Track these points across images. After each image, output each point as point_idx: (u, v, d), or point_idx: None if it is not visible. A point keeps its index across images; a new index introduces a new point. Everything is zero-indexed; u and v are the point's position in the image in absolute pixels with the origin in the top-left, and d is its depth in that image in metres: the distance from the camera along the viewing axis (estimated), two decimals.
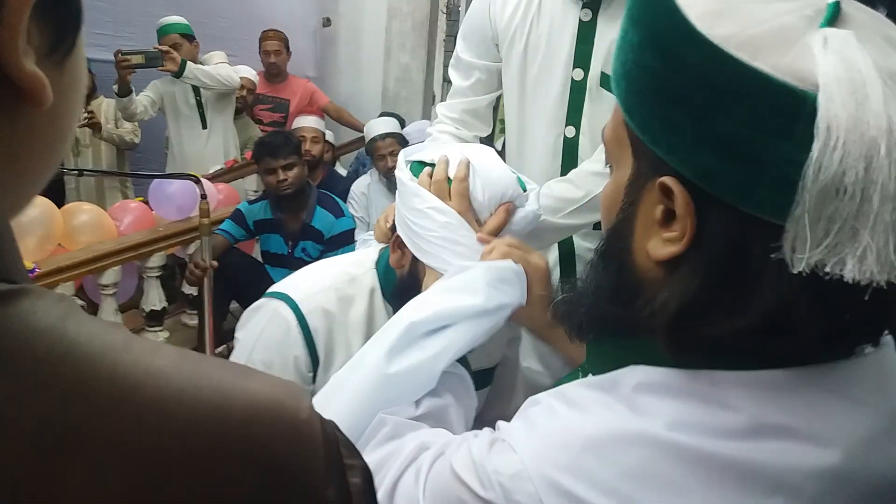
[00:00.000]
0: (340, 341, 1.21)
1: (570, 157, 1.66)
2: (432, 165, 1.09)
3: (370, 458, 0.84)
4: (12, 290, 0.34)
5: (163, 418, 0.33)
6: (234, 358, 1.25)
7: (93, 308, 3.52)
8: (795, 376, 0.56)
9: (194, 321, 3.70)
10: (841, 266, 0.48)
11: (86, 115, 4.33)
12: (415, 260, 1.11)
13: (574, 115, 1.63)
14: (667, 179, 0.55)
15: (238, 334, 1.25)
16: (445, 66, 5.22)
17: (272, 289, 1.24)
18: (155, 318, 3.52)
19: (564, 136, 1.66)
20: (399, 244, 1.13)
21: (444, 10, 5.12)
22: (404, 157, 1.15)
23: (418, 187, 1.06)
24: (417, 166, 1.11)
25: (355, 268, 1.26)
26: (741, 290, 0.53)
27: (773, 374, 0.56)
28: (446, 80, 5.22)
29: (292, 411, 0.37)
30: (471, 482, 0.64)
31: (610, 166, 0.68)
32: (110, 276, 3.17)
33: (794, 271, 0.49)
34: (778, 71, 0.49)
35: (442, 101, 1.88)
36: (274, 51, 4.72)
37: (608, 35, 1.55)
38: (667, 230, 0.57)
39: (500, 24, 1.68)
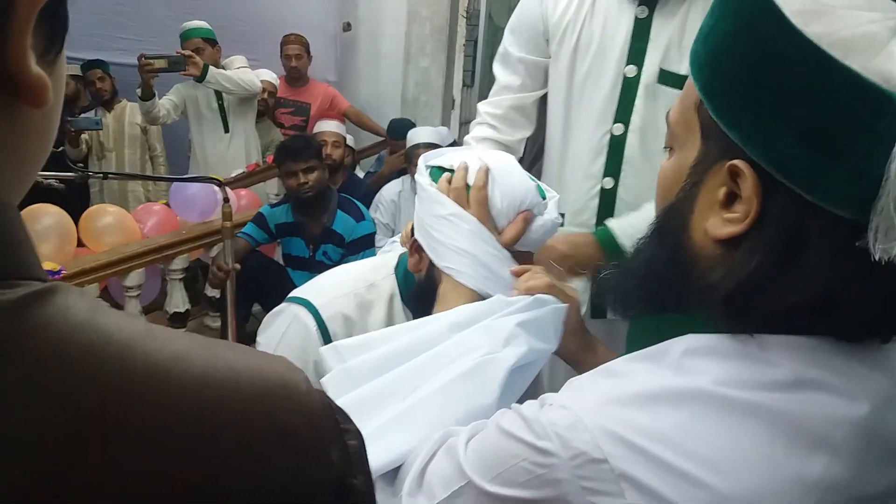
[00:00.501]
0: None
1: (615, 155, 1.65)
2: (451, 171, 1.09)
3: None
4: (47, 289, 0.35)
5: (194, 398, 0.36)
6: None
7: (117, 309, 3.56)
8: (830, 343, 0.61)
9: (217, 323, 3.73)
10: None
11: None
12: (432, 264, 1.11)
13: (623, 112, 1.63)
14: (738, 163, 0.60)
15: (259, 338, 1.26)
16: (465, 71, 5.23)
17: (293, 294, 1.25)
18: (178, 320, 3.56)
19: (611, 134, 1.64)
20: (417, 248, 1.13)
21: (465, 15, 5.13)
22: (424, 161, 1.15)
23: (439, 193, 1.07)
24: (437, 171, 1.11)
25: (374, 273, 1.27)
26: (796, 271, 0.58)
27: (810, 339, 0.61)
28: (466, 85, 5.23)
29: (294, 385, 0.40)
30: (524, 435, 0.64)
31: (668, 148, 0.72)
32: (134, 277, 3.21)
33: (875, 259, 0.53)
34: (866, 71, 0.53)
35: (462, 105, 1.87)
36: (295, 55, 4.75)
37: (666, 32, 1.56)
38: (728, 211, 0.61)
39: (552, 18, 1.67)
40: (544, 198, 1.10)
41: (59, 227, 3.01)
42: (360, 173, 4.79)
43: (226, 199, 2.77)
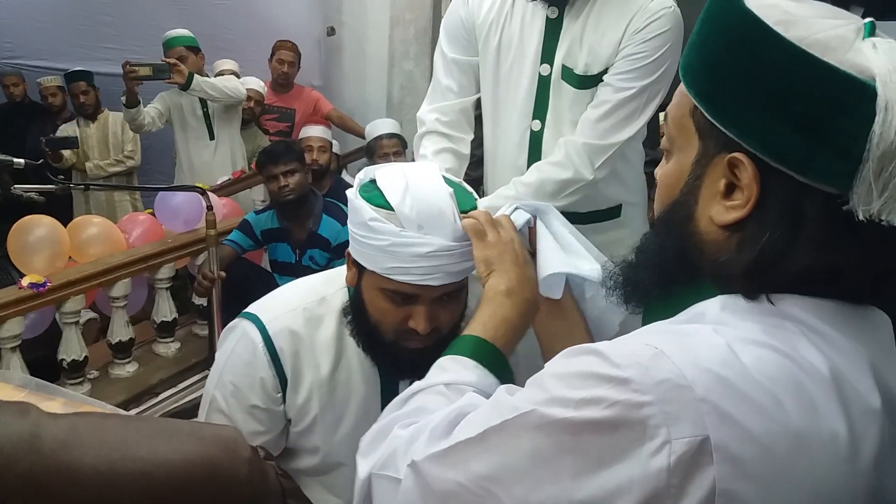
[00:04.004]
0: (308, 362, 1.22)
1: (535, 150, 1.74)
2: (378, 188, 1.10)
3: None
4: None
5: None
6: (209, 377, 1.28)
7: (104, 321, 3.56)
8: (839, 304, 0.69)
9: (205, 331, 3.72)
10: (894, 215, 0.61)
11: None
12: (360, 276, 1.14)
13: (540, 109, 1.71)
14: (737, 155, 0.68)
15: (216, 354, 1.27)
16: None
17: (247, 308, 1.26)
18: (166, 330, 3.55)
19: (531, 130, 1.73)
20: (351, 260, 1.15)
21: None
22: (359, 177, 1.17)
23: (360, 201, 1.09)
24: (368, 185, 1.13)
25: (326, 287, 1.27)
26: (802, 242, 0.66)
27: (821, 300, 0.68)
28: None
29: (228, 473, 0.38)
30: (602, 367, 0.64)
31: (666, 151, 0.80)
32: (120, 288, 3.21)
33: (860, 218, 0.62)
34: (842, 65, 0.63)
35: None
36: (289, 61, 4.75)
37: (573, 31, 1.64)
38: (729, 200, 0.70)
39: (477, 19, 1.75)
40: (473, 208, 1.11)
41: (52, 238, 3.00)
42: (349, 178, 4.78)
43: (209, 207, 2.77)
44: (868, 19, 0.68)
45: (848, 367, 0.65)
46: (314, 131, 4.15)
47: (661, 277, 0.79)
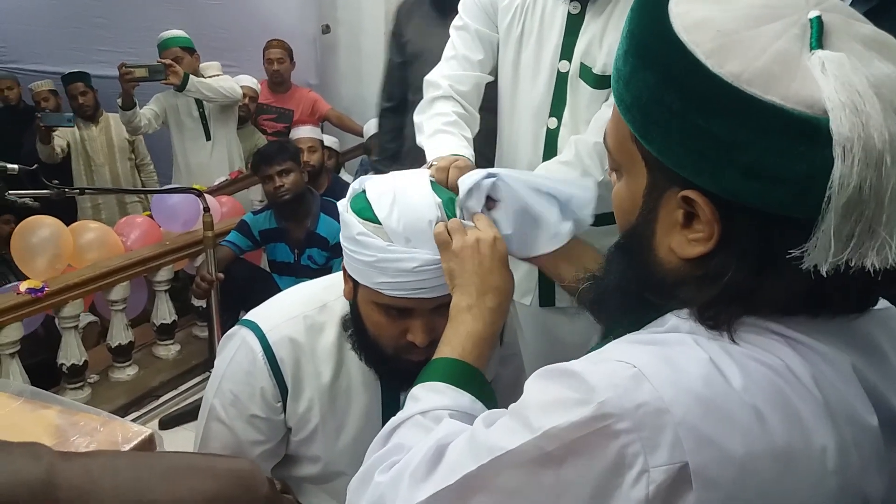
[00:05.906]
0: (309, 371, 1.20)
1: (550, 149, 1.67)
2: (367, 199, 1.08)
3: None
4: None
5: None
6: (209, 384, 1.26)
7: (104, 324, 3.55)
8: (821, 323, 0.65)
9: (205, 333, 3.71)
10: (863, 259, 0.57)
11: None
12: (355, 291, 1.12)
13: (557, 106, 1.65)
14: (689, 193, 0.62)
15: (216, 361, 1.26)
16: None
17: (246, 315, 1.25)
18: (165, 332, 3.55)
19: (547, 128, 1.67)
20: (346, 274, 1.13)
21: None
22: (353, 186, 1.15)
23: (349, 215, 1.08)
24: (359, 197, 1.11)
25: (327, 293, 1.25)
26: (774, 275, 0.61)
27: (810, 320, 0.64)
28: None
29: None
30: (577, 390, 0.62)
31: (615, 171, 0.75)
32: (119, 291, 3.20)
33: (823, 272, 0.57)
34: (788, 101, 0.56)
35: None
36: (277, 58, 4.73)
37: (594, 28, 1.57)
38: (690, 231, 0.64)
39: (501, 2, 1.67)
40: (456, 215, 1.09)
41: (55, 239, 2.99)
42: (347, 177, 4.77)
43: (206, 209, 2.76)
44: (813, 14, 0.60)
45: (832, 374, 0.62)
46: (302, 132, 4.12)
47: (626, 305, 0.75)
